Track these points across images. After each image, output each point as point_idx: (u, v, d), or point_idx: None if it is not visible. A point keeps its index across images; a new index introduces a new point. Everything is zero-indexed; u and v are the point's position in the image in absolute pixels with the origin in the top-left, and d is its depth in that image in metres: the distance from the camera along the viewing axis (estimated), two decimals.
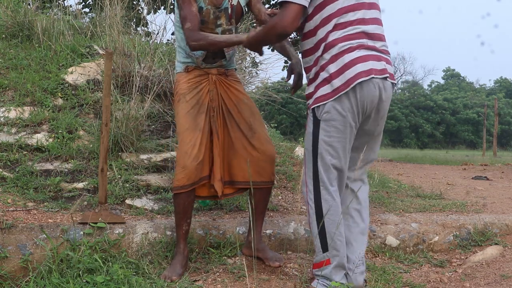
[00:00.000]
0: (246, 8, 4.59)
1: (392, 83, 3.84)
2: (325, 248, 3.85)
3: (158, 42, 7.23)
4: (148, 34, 9.26)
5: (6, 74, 6.45)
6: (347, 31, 3.76)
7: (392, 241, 5.06)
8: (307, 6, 3.77)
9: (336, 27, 3.78)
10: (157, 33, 7.37)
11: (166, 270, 4.18)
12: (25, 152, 5.52)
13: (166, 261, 4.32)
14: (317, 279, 3.89)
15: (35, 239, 4.07)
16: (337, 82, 3.70)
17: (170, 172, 5.62)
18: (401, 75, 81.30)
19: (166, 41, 8.87)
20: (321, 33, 3.81)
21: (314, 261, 3.96)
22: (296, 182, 6.03)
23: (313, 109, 3.85)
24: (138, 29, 9.68)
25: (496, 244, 5.18)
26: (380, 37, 3.85)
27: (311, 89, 3.91)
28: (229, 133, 4.44)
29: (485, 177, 10.25)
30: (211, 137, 4.38)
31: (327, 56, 3.76)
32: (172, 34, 11.05)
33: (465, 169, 12.85)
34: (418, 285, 4.31)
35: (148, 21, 9.30)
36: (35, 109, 6.04)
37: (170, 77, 6.38)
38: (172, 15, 7.62)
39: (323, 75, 3.78)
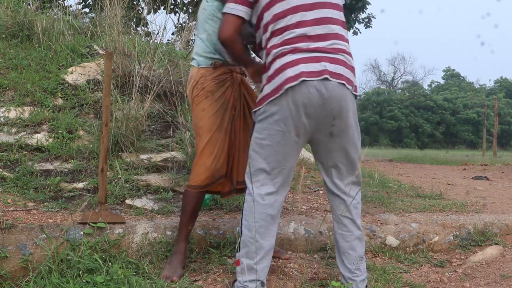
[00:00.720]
0: None
1: (339, 82, 3.66)
2: (238, 249, 3.85)
3: (158, 42, 7.23)
4: (148, 34, 9.26)
5: (6, 74, 6.45)
6: (283, 36, 3.74)
7: (392, 241, 5.05)
8: (242, 16, 3.84)
9: (273, 34, 3.80)
10: (157, 33, 7.37)
11: (166, 270, 4.16)
12: (25, 152, 5.52)
13: (166, 261, 4.32)
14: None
15: (35, 239, 4.07)
16: (267, 89, 3.70)
17: (170, 172, 5.62)
18: (401, 75, 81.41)
19: (166, 41, 8.87)
20: (263, 41, 3.86)
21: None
22: (296, 182, 6.02)
23: (254, 111, 3.83)
24: (138, 29, 9.69)
25: (496, 244, 5.18)
26: (326, 37, 3.75)
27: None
28: (244, 133, 4.46)
29: (485, 177, 10.25)
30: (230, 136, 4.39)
31: (266, 63, 3.77)
32: (172, 34, 11.06)
33: (465, 169, 12.86)
34: (418, 285, 4.31)
35: (148, 21, 9.31)
36: (35, 109, 6.04)
37: (170, 77, 6.38)
38: (172, 15, 7.61)
39: (263, 81, 3.80)
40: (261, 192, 3.80)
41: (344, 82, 3.66)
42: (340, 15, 3.86)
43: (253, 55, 4.66)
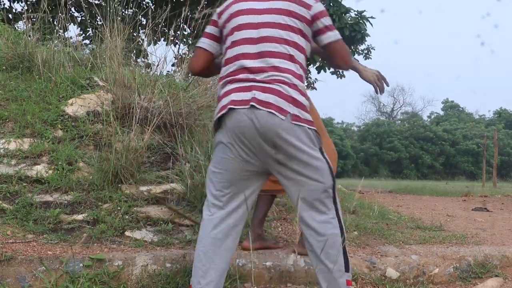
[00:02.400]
0: None
1: (268, 111, 3.71)
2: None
3: (158, 74, 7.25)
4: (148, 65, 9.29)
5: (6, 106, 6.47)
6: (228, 68, 3.94)
7: (392, 273, 5.04)
8: (205, 48, 4.20)
9: (224, 64, 4.02)
10: (157, 65, 7.39)
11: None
12: (24, 184, 5.52)
13: None
14: None
15: (34, 271, 4.06)
16: (214, 117, 3.87)
17: (170, 204, 5.61)
18: (401, 106, 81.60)
19: (166, 72, 8.90)
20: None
21: None
22: (294, 214, 6.01)
23: None
24: (138, 60, 9.72)
25: (496, 276, 5.17)
26: (263, 69, 3.86)
27: None
28: None
29: (485, 208, 10.25)
30: None
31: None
32: (173, 65, 11.09)
33: (465, 200, 12.86)
34: None
35: (148, 53, 9.34)
36: (35, 140, 6.05)
37: (170, 109, 6.39)
38: (172, 47, 7.66)
39: None
40: (208, 212, 3.87)
41: (273, 111, 3.69)
42: (288, 42, 3.95)
43: None
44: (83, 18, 16.44)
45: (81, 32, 16.54)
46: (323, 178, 3.80)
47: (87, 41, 15.17)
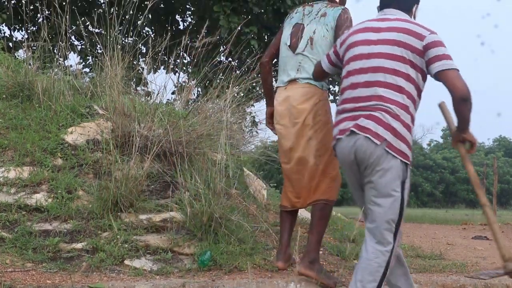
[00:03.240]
0: None
1: (365, 136, 4.09)
2: None
3: (158, 102, 7.26)
4: (148, 94, 9.31)
5: (6, 134, 6.47)
6: (342, 97, 4.42)
7: None
8: (323, 67, 4.89)
9: (340, 92, 4.50)
10: (157, 93, 7.40)
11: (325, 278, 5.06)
12: (24, 212, 5.51)
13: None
14: None
15: None
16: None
17: (169, 232, 5.60)
18: None
19: (166, 101, 8.92)
20: None
21: None
22: (294, 242, 5.99)
23: None
24: (138, 88, 9.75)
25: None
26: (369, 98, 4.20)
27: None
28: None
29: (485, 237, 10.24)
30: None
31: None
32: (172, 93, 11.12)
33: (465, 228, 12.85)
34: None
35: (148, 81, 9.36)
36: (35, 169, 6.04)
37: (170, 138, 6.39)
38: (172, 75, 7.68)
39: None
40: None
41: (369, 135, 4.06)
42: (397, 72, 4.21)
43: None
44: (83, 46, 16.48)
45: (81, 61, 16.57)
46: (391, 210, 4.11)
47: (87, 70, 15.21)
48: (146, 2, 8.31)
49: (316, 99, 5.18)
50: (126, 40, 8.14)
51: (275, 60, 5.74)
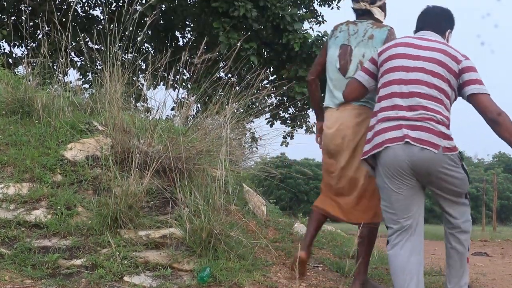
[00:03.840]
0: None
1: (422, 147, 4.53)
2: None
3: (158, 118, 7.26)
4: (147, 110, 9.32)
5: (6, 150, 6.47)
6: (380, 105, 4.82)
7: None
8: (360, 81, 5.20)
9: (377, 101, 4.91)
10: (157, 109, 7.40)
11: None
12: (23, 229, 5.51)
13: None
14: None
15: None
16: (366, 147, 4.90)
17: (169, 248, 5.59)
18: None
19: (166, 117, 8.92)
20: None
21: None
22: (294, 258, 5.98)
23: None
24: (138, 105, 9.75)
25: None
26: (412, 108, 4.63)
27: None
28: None
29: (485, 253, 10.24)
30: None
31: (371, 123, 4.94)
32: (172, 109, 11.11)
33: None
34: None
35: (147, 97, 9.38)
36: (34, 185, 6.04)
37: (169, 154, 6.39)
38: (172, 91, 7.69)
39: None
40: None
41: (426, 146, 4.52)
42: (437, 87, 4.70)
43: None
44: (83, 62, 16.53)
45: (81, 77, 16.63)
46: (462, 187, 4.92)
47: (86, 86, 15.22)
48: (145, 19, 8.31)
49: (369, 121, 5.24)
50: (126, 56, 8.15)
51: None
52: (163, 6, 17.87)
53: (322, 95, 6.02)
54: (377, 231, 5.76)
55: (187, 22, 20.58)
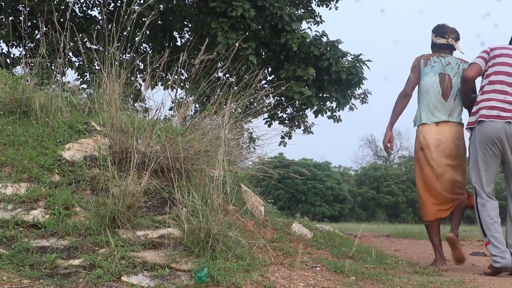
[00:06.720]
0: None
1: None
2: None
3: (156, 118, 7.25)
4: (146, 110, 9.32)
5: (3, 151, 6.47)
6: (492, 86, 7.04)
7: None
8: (480, 65, 7.26)
9: (488, 83, 7.11)
10: (156, 110, 7.40)
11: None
12: (21, 229, 5.50)
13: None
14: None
15: None
16: (471, 119, 7.23)
17: (167, 248, 5.59)
18: (398, 150, 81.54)
19: (164, 117, 8.91)
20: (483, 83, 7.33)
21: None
22: (293, 258, 5.99)
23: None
24: (136, 105, 9.74)
25: None
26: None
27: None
28: None
29: (483, 253, 10.22)
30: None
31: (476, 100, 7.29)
32: (170, 109, 11.10)
33: (462, 244, 12.80)
34: None
35: (146, 97, 9.37)
36: (32, 185, 6.04)
37: (168, 154, 6.38)
38: (170, 91, 7.68)
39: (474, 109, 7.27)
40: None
41: None
42: None
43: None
44: (81, 63, 16.51)
45: (79, 77, 16.59)
46: None
47: (84, 86, 15.21)
48: (144, 19, 8.30)
49: (463, 137, 7.63)
50: (124, 57, 8.14)
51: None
52: (161, 6, 17.87)
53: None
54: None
55: (185, 22, 20.57)
